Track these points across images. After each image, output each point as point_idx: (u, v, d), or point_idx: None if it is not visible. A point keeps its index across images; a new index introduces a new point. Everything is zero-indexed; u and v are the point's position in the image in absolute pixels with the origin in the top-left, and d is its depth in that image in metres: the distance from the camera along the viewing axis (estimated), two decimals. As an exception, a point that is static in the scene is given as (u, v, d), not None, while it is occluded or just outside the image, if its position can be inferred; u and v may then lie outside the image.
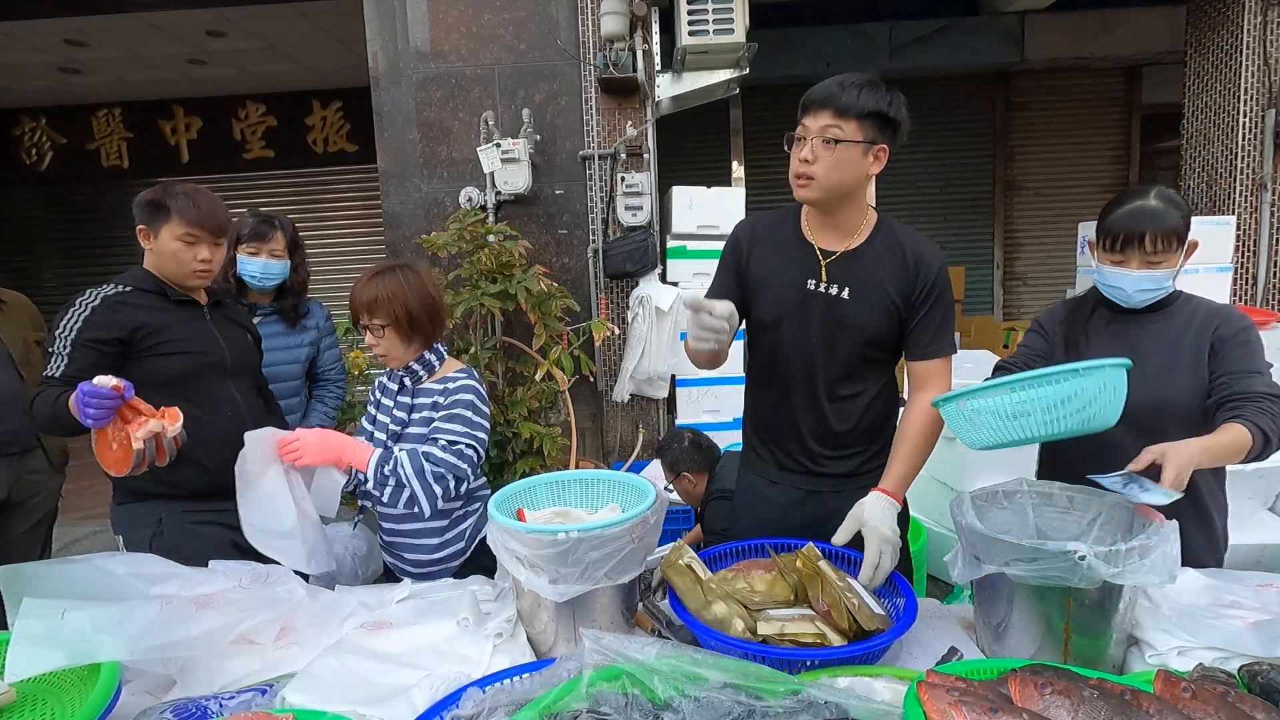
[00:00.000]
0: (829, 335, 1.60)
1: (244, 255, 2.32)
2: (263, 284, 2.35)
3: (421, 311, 1.70)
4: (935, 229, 7.05)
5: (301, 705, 1.10)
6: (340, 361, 2.65)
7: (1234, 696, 0.94)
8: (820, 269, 1.59)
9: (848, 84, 1.48)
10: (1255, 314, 3.51)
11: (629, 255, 3.95)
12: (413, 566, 1.79)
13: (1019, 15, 5.96)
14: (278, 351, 2.39)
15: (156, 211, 1.78)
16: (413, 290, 1.70)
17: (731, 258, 1.69)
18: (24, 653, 1.12)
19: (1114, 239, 1.53)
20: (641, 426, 4.24)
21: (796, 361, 1.63)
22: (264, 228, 2.33)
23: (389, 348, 1.72)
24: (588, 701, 0.96)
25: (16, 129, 7.26)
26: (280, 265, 2.36)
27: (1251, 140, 4.15)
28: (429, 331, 1.74)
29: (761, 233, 1.67)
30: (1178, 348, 1.61)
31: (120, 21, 5.14)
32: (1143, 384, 1.59)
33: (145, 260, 1.85)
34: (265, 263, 2.33)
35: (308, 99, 7.13)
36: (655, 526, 1.34)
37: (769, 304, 1.63)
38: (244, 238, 2.32)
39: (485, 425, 1.74)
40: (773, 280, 1.63)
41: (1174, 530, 1.17)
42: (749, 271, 1.66)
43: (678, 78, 4.09)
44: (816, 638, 1.23)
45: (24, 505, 2.45)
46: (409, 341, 1.72)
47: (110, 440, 1.56)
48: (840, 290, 1.58)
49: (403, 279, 1.70)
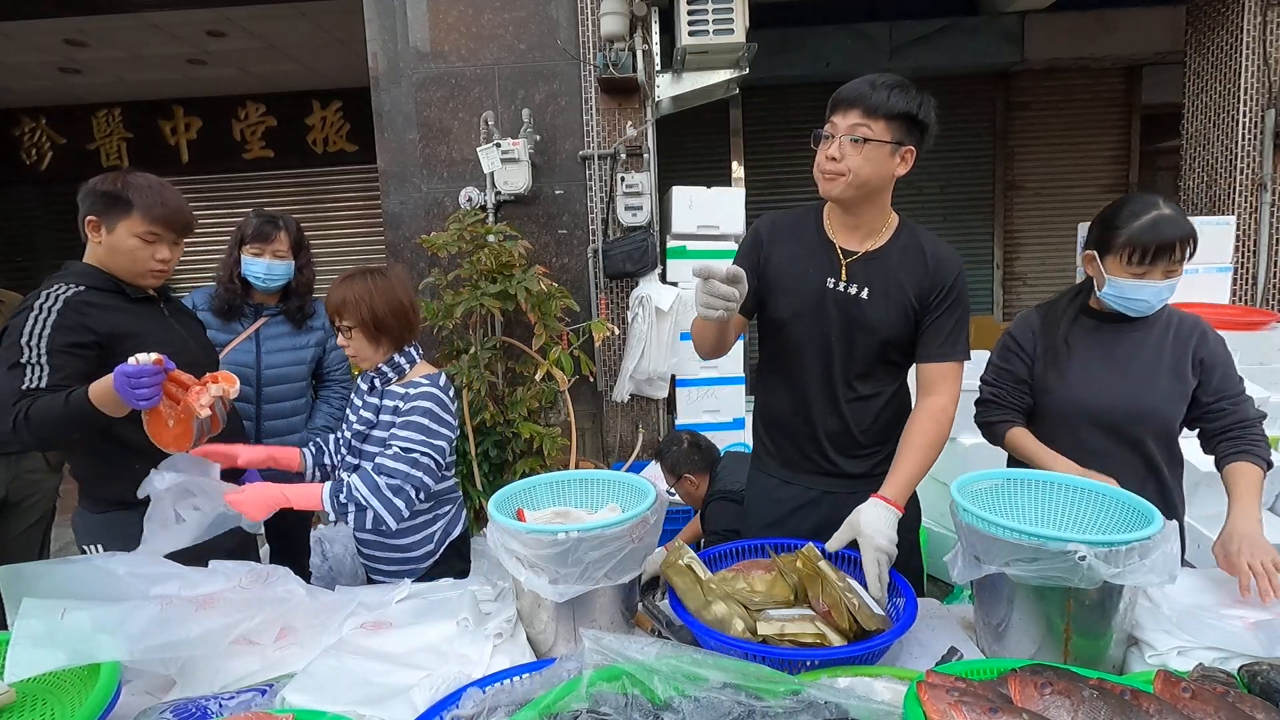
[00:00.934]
0: (847, 334, 1.59)
1: (248, 256, 2.31)
2: (268, 285, 2.34)
3: (389, 314, 1.72)
4: (935, 229, 6.94)
5: (301, 705, 1.10)
6: (346, 362, 2.62)
7: (1234, 696, 0.94)
8: (841, 268, 1.58)
9: (878, 84, 1.47)
10: (1255, 314, 3.52)
11: (629, 255, 3.95)
12: (385, 564, 1.83)
13: (1019, 15, 5.96)
14: (284, 353, 2.40)
15: (114, 204, 1.65)
16: (379, 293, 1.72)
17: (751, 251, 1.66)
18: (24, 653, 1.12)
19: (1144, 252, 1.52)
20: (641, 427, 4.24)
21: (813, 360, 1.62)
22: (268, 228, 2.32)
23: (358, 349, 1.75)
24: (588, 701, 0.96)
25: (16, 129, 7.26)
26: (285, 266, 2.35)
27: (1251, 140, 4.15)
28: (397, 334, 1.76)
29: (782, 229, 1.66)
30: (1158, 358, 1.64)
31: (120, 21, 5.14)
32: (1125, 392, 1.62)
33: (89, 254, 1.70)
34: (270, 263, 2.31)
35: (308, 99, 7.13)
36: (655, 526, 1.34)
37: (787, 300, 1.62)
38: (248, 238, 2.31)
39: (445, 433, 1.73)
40: (792, 276, 1.61)
41: (1174, 530, 1.17)
42: (768, 266, 1.64)
43: (678, 78, 4.09)
44: (816, 638, 1.23)
45: (21, 505, 2.45)
46: (376, 343, 1.75)
47: (165, 418, 1.50)
48: (860, 290, 1.57)
49: (371, 283, 1.72)
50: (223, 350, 2.27)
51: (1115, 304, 1.61)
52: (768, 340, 1.70)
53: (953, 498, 1.31)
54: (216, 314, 2.32)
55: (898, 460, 1.54)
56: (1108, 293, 1.60)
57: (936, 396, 1.57)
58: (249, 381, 2.31)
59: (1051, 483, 1.43)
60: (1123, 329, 1.65)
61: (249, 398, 2.32)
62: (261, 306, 2.39)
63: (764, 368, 1.75)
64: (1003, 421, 1.72)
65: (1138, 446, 1.64)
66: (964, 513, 1.26)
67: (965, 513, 1.26)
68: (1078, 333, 1.68)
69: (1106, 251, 1.58)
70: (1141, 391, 1.62)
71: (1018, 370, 1.72)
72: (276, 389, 2.38)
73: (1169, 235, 1.51)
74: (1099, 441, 1.63)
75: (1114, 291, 1.59)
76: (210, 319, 2.28)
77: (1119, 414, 1.62)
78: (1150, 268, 1.53)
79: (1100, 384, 1.63)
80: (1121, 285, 1.57)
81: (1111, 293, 1.59)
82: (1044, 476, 1.45)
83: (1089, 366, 1.65)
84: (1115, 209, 1.60)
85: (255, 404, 2.34)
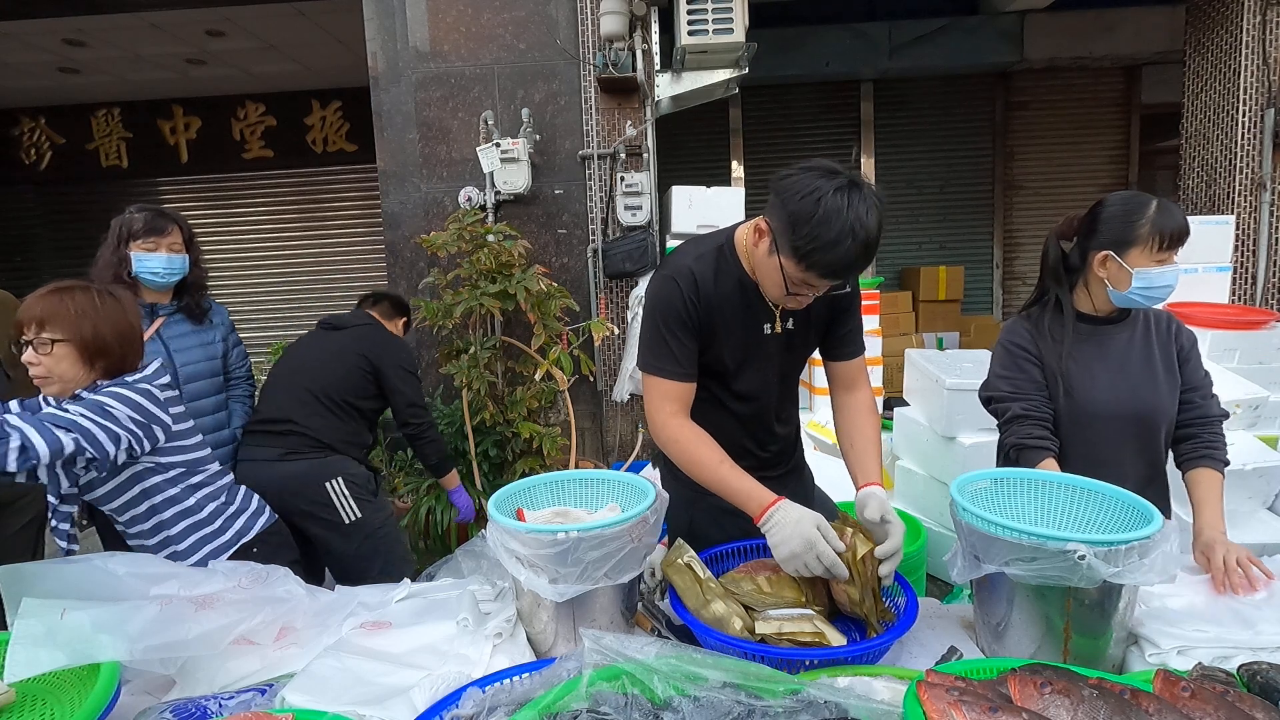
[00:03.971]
0: (786, 373, 1.63)
1: (141, 252, 2.17)
2: (166, 280, 2.21)
3: (114, 339, 1.58)
4: (935, 229, 7.06)
5: (301, 705, 1.10)
6: (248, 359, 2.55)
7: (1233, 696, 0.94)
8: (774, 315, 1.55)
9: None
10: (1255, 313, 3.51)
11: (628, 255, 3.95)
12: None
13: (1018, 15, 5.96)
14: (194, 350, 2.29)
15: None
16: (106, 314, 1.57)
17: (683, 315, 1.49)
18: (24, 653, 1.12)
19: (1172, 237, 1.58)
20: (641, 426, 4.24)
21: (757, 401, 1.62)
22: (160, 221, 2.19)
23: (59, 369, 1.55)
24: (587, 701, 0.96)
25: (15, 129, 7.26)
26: (181, 260, 2.23)
27: (1251, 140, 4.15)
28: (117, 363, 1.60)
29: (704, 282, 1.50)
30: (1149, 355, 1.67)
31: (120, 21, 5.14)
32: (1133, 394, 1.64)
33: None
34: (167, 257, 2.19)
35: (307, 99, 7.13)
36: (655, 526, 1.34)
37: (727, 353, 1.55)
38: (138, 233, 2.17)
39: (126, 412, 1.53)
40: (728, 330, 1.53)
41: (1174, 529, 1.17)
42: (702, 324, 1.51)
43: (677, 77, 4.09)
44: (815, 637, 1.23)
45: (14, 505, 2.45)
46: (89, 367, 1.58)
47: None
48: (785, 322, 1.56)
49: (97, 300, 1.58)
50: None
51: (1141, 296, 1.61)
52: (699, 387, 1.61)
53: (952, 497, 1.31)
54: None
55: (864, 455, 1.57)
56: (1136, 287, 1.60)
57: (863, 391, 1.65)
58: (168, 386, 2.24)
59: (1051, 482, 1.43)
60: (1110, 331, 1.68)
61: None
62: (157, 306, 2.25)
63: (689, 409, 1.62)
64: (1041, 449, 1.62)
65: (1146, 448, 1.66)
66: (963, 512, 1.26)
67: (965, 512, 1.26)
68: (1076, 340, 1.69)
69: (1129, 246, 1.60)
70: (1144, 390, 1.64)
71: (1035, 375, 1.70)
72: (196, 386, 2.28)
73: (1181, 219, 1.59)
74: (1110, 447, 1.64)
75: (1143, 283, 1.60)
76: None
77: (1128, 415, 1.63)
78: (1171, 252, 1.59)
79: (1106, 388, 1.64)
80: (1150, 274, 1.59)
81: (1140, 285, 1.60)
82: (1044, 476, 1.45)
83: (1093, 372, 1.66)
84: (1121, 208, 1.62)
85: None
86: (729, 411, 1.62)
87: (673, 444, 1.50)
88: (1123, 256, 1.60)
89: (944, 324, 6.61)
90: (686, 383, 1.51)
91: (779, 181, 1.34)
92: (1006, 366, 1.73)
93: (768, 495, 1.37)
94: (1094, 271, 1.65)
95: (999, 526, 1.19)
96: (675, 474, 1.66)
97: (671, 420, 1.50)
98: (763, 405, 1.64)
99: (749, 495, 1.38)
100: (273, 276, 7.48)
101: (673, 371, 1.50)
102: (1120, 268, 1.61)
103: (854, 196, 1.26)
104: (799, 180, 1.30)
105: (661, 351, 1.50)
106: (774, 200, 1.34)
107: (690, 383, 1.52)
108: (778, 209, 1.33)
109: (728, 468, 1.44)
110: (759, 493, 1.38)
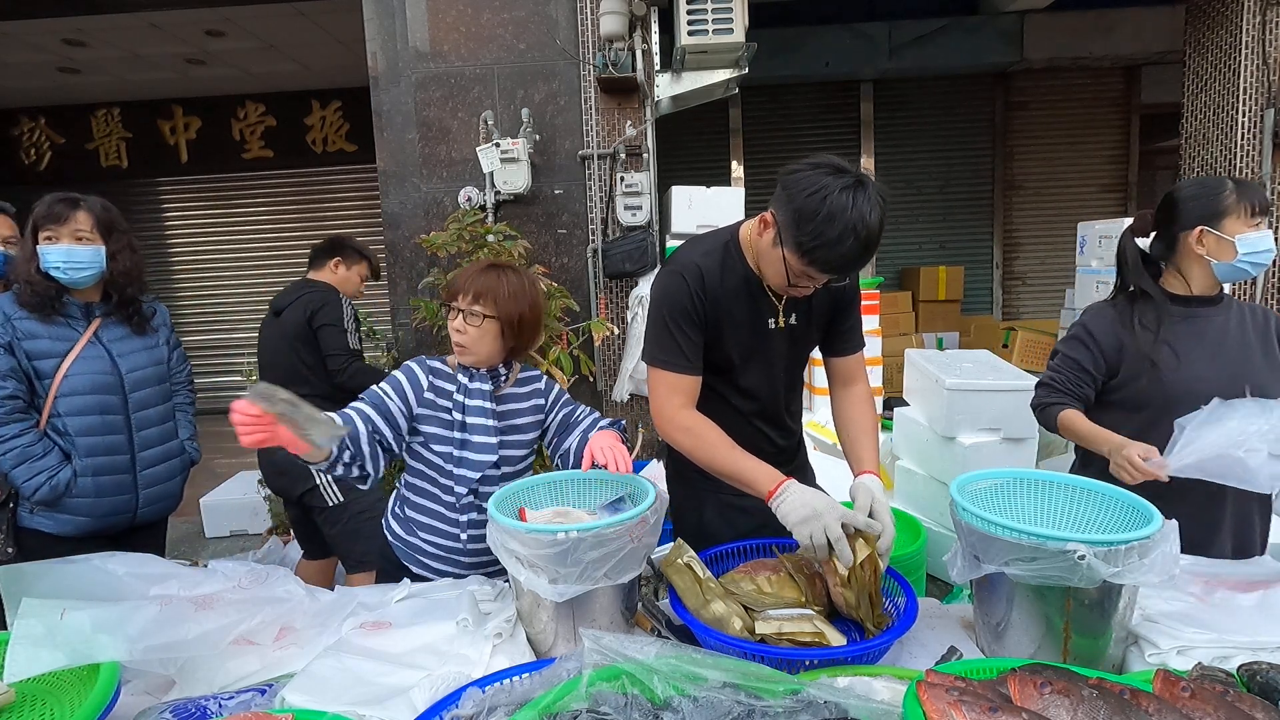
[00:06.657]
0: (790, 367, 1.66)
1: (43, 244, 1.92)
2: (70, 275, 1.93)
3: (532, 321, 1.68)
4: (935, 229, 7.06)
5: (301, 705, 1.10)
6: (187, 361, 2.32)
7: (1233, 696, 0.94)
8: (778, 310, 1.57)
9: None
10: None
11: (628, 255, 3.95)
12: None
13: (1018, 15, 5.96)
14: (139, 354, 2.08)
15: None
16: (529, 297, 1.66)
17: (690, 310, 1.51)
18: (24, 653, 1.12)
19: (1261, 205, 1.62)
20: (641, 426, 4.24)
21: (764, 397, 1.65)
22: (60, 208, 1.93)
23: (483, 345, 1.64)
24: (587, 701, 0.96)
25: (15, 129, 7.27)
26: (89, 251, 1.95)
27: (1250, 140, 4.15)
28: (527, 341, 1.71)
29: (710, 278, 1.53)
30: (1244, 338, 1.70)
31: (120, 21, 5.14)
32: (1231, 372, 1.66)
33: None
34: (68, 248, 1.92)
35: (307, 99, 7.14)
36: (655, 526, 1.34)
37: (733, 347, 1.57)
38: (39, 222, 1.93)
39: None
40: (734, 325, 1.55)
41: (1174, 529, 1.17)
42: (709, 320, 1.54)
43: (677, 77, 4.09)
44: (814, 637, 1.23)
45: None
46: (502, 343, 1.67)
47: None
48: (789, 317, 1.59)
49: (525, 284, 1.68)
50: (63, 361, 1.95)
51: (1248, 263, 1.64)
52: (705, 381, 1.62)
53: (952, 497, 1.31)
54: (33, 312, 1.94)
55: (858, 444, 1.61)
56: (1243, 254, 1.63)
57: (861, 384, 1.69)
58: (114, 391, 2.01)
59: (1051, 482, 1.43)
60: (1206, 313, 1.71)
61: (115, 409, 2.02)
62: (92, 306, 2.03)
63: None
64: (1057, 404, 1.76)
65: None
66: (963, 512, 1.26)
67: (964, 512, 1.26)
68: (1172, 324, 1.70)
69: (1221, 217, 1.63)
70: (1242, 372, 1.66)
71: (1083, 360, 1.75)
72: (143, 394, 2.08)
73: (1261, 189, 1.64)
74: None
75: (1247, 249, 1.63)
76: (33, 326, 1.93)
77: (1226, 392, 1.62)
78: (1263, 219, 1.62)
79: (1203, 368, 1.66)
80: (1251, 239, 1.62)
81: (1245, 251, 1.63)
82: (1044, 476, 1.45)
83: (1189, 353, 1.68)
84: (1198, 188, 1.67)
85: (125, 416, 2.04)
86: (733, 409, 1.63)
87: (684, 432, 1.51)
88: (1218, 229, 1.63)
89: (944, 324, 6.61)
90: (693, 376, 1.53)
91: (787, 175, 1.36)
92: (1065, 346, 1.81)
93: (778, 475, 1.40)
94: (1191, 250, 1.68)
95: (999, 526, 1.19)
96: (683, 473, 1.68)
97: (681, 411, 1.52)
98: (766, 402, 1.66)
99: (760, 476, 1.41)
100: (273, 277, 7.48)
101: (680, 365, 1.51)
102: (1219, 239, 1.64)
103: (859, 196, 1.28)
104: (807, 176, 1.32)
105: (669, 345, 1.52)
106: (781, 194, 1.36)
107: (697, 376, 1.54)
108: (784, 203, 1.35)
109: (739, 452, 1.46)
110: (770, 472, 1.40)
